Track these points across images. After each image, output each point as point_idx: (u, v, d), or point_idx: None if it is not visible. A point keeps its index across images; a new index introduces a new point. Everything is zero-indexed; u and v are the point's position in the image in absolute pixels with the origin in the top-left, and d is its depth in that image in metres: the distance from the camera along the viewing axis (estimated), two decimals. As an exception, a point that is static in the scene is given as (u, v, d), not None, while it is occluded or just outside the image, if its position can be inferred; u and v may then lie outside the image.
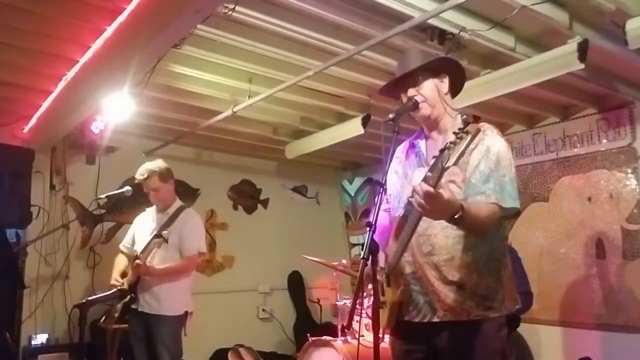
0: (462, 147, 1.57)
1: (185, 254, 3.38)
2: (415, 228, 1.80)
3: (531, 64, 3.07)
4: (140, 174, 3.42)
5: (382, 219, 2.07)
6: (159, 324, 3.28)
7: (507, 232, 1.95)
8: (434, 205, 1.58)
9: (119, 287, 3.30)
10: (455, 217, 1.62)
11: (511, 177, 1.82)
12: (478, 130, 1.60)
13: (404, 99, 1.99)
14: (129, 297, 3.29)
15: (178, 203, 3.56)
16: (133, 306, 3.31)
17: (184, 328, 3.40)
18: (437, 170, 1.61)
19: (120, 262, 3.51)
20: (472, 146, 1.81)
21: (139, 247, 3.40)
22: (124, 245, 3.60)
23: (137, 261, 3.21)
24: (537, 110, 4.23)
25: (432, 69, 1.95)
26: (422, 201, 1.57)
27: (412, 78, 1.95)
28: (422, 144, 2.04)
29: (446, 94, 1.99)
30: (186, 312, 3.39)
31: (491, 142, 1.84)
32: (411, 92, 1.95)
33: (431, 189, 1.56)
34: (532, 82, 3.17)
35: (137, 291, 3.31)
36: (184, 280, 3.42)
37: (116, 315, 3.33)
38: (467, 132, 1.58)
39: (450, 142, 1.59)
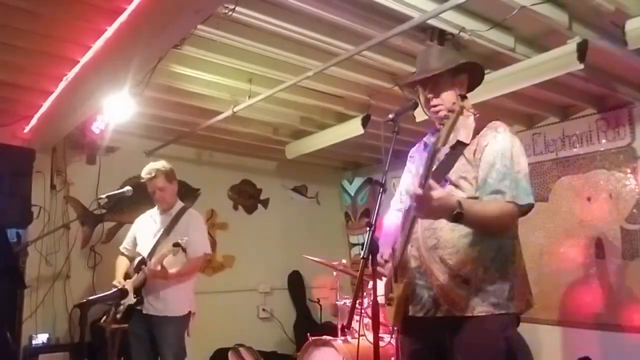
0: (448, 126, 1.63)
1: (191, 256, 3.35)
2: (415, 219, 1.81)
3: (531, 64, 3.08)
4: (147, 172, 3.41)
5: (395, 218, 2.10)
6: (163, 325, 3.27)
7: (517, 231, 1.94)
8: (425, 205, 1.61)
9: (120, 288, 3.30)
10: (454, 214, 1.63)
11: (525, 173, 1.84)
12: (462, 108, 1.66)
13: (421, 92, 2.02)
14: (135, 299, 3.28)
15: (180, 204, 3.56)
16: (138, 307, 3.30)
17: (188, 328, 3.40)
18: (429, 159, 1.65)
19: (122, 264, 3.50)
20: (483, 142, 1.86)
21: (143, 250, 3.40)
22: (124, 247, 3.58)
23: (150, 265, 3.18)
24: (536, 110, 4.23)
25: (452, 70, 1.97)
26: (415, 204, 1.62)
27: (431, 78, 1.97)
28: (433, 141, 2.06)
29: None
30: (189, 312, 3.39)
31: (504, 140, 1.86)
32: (435, 102, 1.96)
33: (419, 191, 1.59)
34: (531, 82, 3.17)
35: (142, 293, 3.30)
36: (188, 281, 3.42)
37: (118, 315, 3.32)
38: (452, 111, 1.64)
39: (440, 124, 1.66)
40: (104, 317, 3.60)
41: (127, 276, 3.40)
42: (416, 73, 2.07)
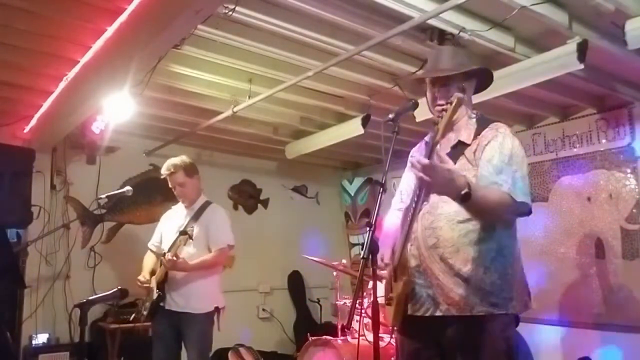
0: (447, 117, 1.65)
1: (215, 248, 3.34)
2: (416, 212, 1.82)
3: (531, 64, 3.07)
4: (166, 169, 3.40)
5: (396, 219, 2.10)
6: (187, 322, 3.25)
7: (516, 232, 1.94)
8: (433, 175, 1.60)
9: (145, 285, 3.30)
10: (462, 193, 1.63)
11: (523, 174, 1.84)
12: (460, 100, 1.68)
13: (428, 89, 2.03)
14: (157, 294, 3.26)
15: (203, 198, 3.54)
16: (161, 304, 3.28)
17: (217, 323, 3.36)
18: (429, 151, 1.66)
19: (149, 261, 3.49)
20: (483, 142, 1.87)
21: (165, 245, 3.39)
22: (152, 244, 3.57)
23: (168, 256, 3.15)
24: (536, 110, 4.23)
25: (463, 73, 1.98)
26: (421, 174, 1.61)
27: (442, 78, 1.98)
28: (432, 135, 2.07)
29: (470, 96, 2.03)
30: (216, 308, 3.35)
31: (504, 140, 1.87)
32: (441, 101, 1.95)
33: (425, 160, 1.59)
34: (531, 82, 3.17)
35: (165, 289, 3.28)
36: (212, 276, 3.38)
37: (145, 313, 3.32)
38: (450, 103, 1.66)
39: (438, 116, 1.69)
40: (133, 316, 3.62)
41: (154, 273, 3.38)
42: (427, 69, 2.07)
